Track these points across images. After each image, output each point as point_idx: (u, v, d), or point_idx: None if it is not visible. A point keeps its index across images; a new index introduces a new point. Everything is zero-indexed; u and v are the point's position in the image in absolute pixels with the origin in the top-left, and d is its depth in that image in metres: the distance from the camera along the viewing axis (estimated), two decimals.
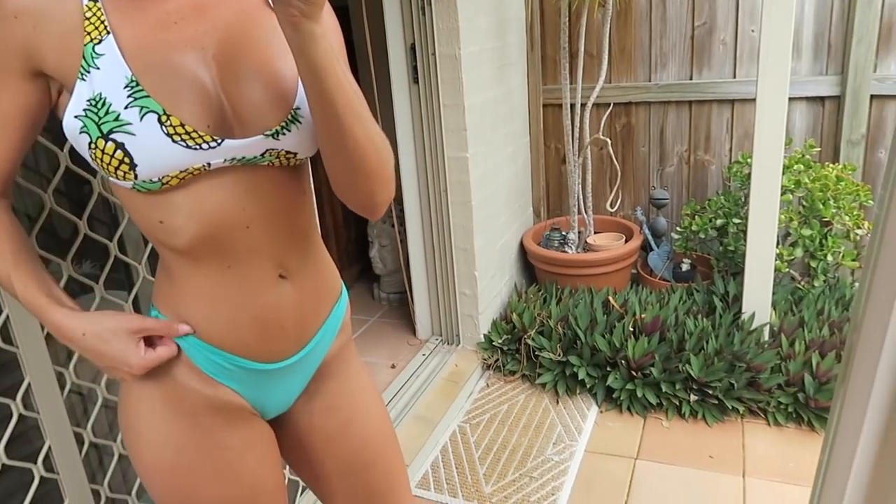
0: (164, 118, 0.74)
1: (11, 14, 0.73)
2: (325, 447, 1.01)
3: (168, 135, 0.74)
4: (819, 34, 2.63)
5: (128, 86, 0.73)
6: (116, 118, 0.73)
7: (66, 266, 1.22)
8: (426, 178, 2.49)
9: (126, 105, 0.73)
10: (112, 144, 0.73)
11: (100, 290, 1.29)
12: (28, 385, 1.16)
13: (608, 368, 2.30)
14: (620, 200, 3.11)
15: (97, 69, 0.73)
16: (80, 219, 1.26)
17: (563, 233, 2.88)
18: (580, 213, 2.89)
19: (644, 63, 2.92)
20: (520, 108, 2.96)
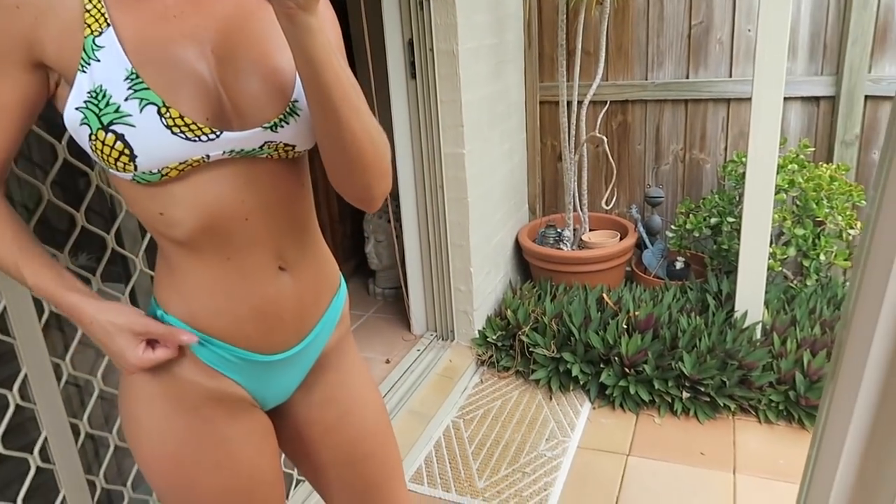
0: (164, 110, 0.74)
1: (14, 4, 0.73)
2: (323, 438, 1.02)
3: (167, 126, 0.74)
4: (815, 34, 2.64)
5: (128, 78, 0.74)
6: (116, 110, 0.73)
7: (64, 258, 1.23)
8: (423, 174, 2.49)
9: (126, 97, 0.73)
10: (112, 136, 0.73)
11: (97, 283, 1.29)
12: (25, 376, 1.16)
13: (601, 365, 2.32)
14: (616, 198, 3.12)
15: (97, 61, 0.74)
16: (78, 211, 1.26)
17: (559, 230, 2.89)
18: (575, 211, 2.90)
19: (641, 61, 2.93)
20: (517, 105, 2.97)
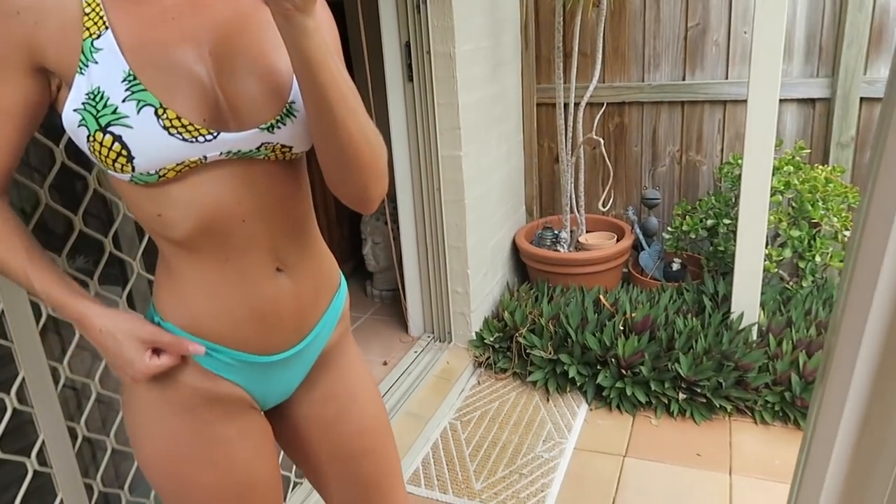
0: (161, 111, 0.75)
1: (14, 10, 0.73)
2: (322, 434, 1.02)
3: (165, 128, 0.75)
4: (810, 36, 2.65)
5: (125, 80, 0.74)
6: (114, 111, 0.74)
7: (61, 261, 1.23)
8: (420, 176, 2.50)
9: (123, 98, 0.74)
10: (110, 137, 0.74)
11: (94, 286, 1.29)
12: (22, 379, 1.16)
13: (598, 367, 2.32)
14: (612, 200, 3.12)
15: (95, 63, 0.74)
16: (76, 214, 1.26)
17: (556, 231, 2.89)
18: (572, 212, 2.91)
19: (637, 63, 2.93)
20: (514, 107, 2.97)
